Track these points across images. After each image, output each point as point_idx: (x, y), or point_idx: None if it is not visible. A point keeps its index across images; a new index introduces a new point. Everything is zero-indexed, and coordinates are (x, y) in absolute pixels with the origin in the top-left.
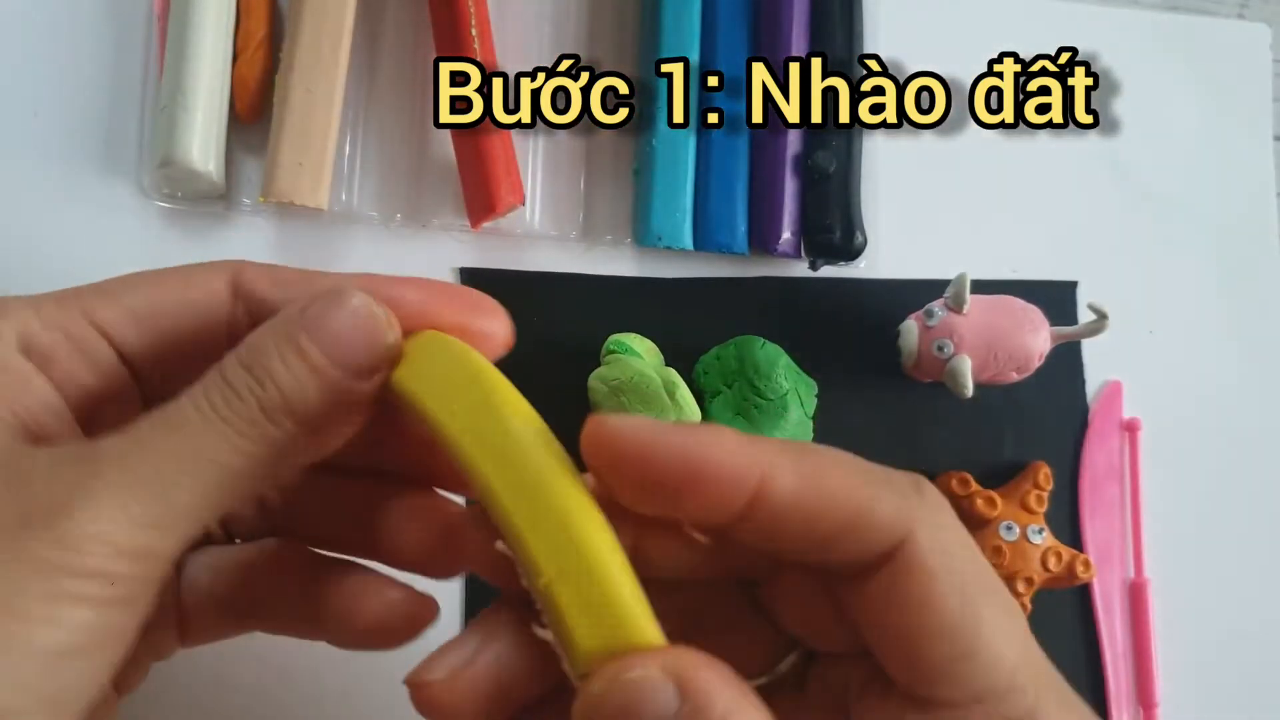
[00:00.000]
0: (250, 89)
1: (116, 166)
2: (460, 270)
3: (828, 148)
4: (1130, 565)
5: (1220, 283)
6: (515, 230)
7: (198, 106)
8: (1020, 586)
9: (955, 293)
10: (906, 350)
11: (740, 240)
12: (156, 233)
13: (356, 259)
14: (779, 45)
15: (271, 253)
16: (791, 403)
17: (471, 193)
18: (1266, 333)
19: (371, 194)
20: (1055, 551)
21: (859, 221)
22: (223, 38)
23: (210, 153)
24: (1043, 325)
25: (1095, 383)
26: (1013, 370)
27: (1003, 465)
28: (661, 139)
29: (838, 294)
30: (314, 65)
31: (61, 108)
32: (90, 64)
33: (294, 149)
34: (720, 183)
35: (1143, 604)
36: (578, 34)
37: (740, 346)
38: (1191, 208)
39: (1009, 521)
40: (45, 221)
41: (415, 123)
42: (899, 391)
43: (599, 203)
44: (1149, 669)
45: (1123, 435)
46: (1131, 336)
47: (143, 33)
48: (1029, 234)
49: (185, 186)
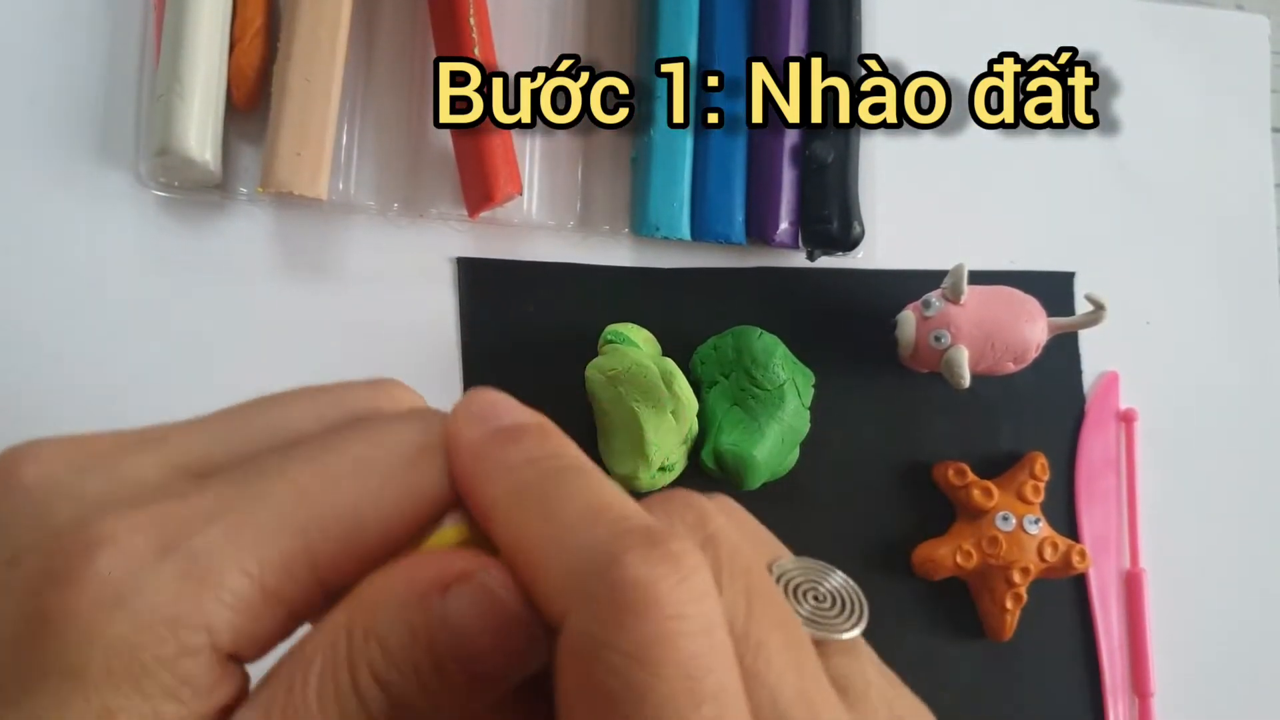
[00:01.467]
0: (248, 78)
1: (113, 155)
2: (457, 260)
3: (826, 138)
4: (1126, 555)
5: (1218, 274)
6: (513, 220)
7: (194, 95)
8: (1016, 576)
9: (953, 283)
10: (904, 340)
11: (738, 230)
12: (152, 221)
13: (354, 248)
14: (778, 44)
15: (269, 242)
16: (789, 393)
17: (469, 182)
18: (1263, 324)
19: (369, 183)
20: (1051, 541)
21: (857, 212)
22: (220, 26)
23: (207, 141)
24: (1040, 316)
25: (1092, 373)
26: (1010, 360)
27: (999, 455)
28: (660, 131)
29: (835, 284)
30: (312, 54)
31: (57, 96)
32: (86, 52)
33: (293, 139)
34: (718, 173)
35: (1138, 594)
36: (575, 29)
37: (737, 336)
38: (1190, 199)
39: (1005, 511)
40: (40, 210)
41: (413, 112)
42: (896, 382)
43: (597, 192)
44: (1144, 658)
45: (1119, 426)
46: (1129, 327)
47: (139, 21)
48: (1026, 225)
49: (182, 175)
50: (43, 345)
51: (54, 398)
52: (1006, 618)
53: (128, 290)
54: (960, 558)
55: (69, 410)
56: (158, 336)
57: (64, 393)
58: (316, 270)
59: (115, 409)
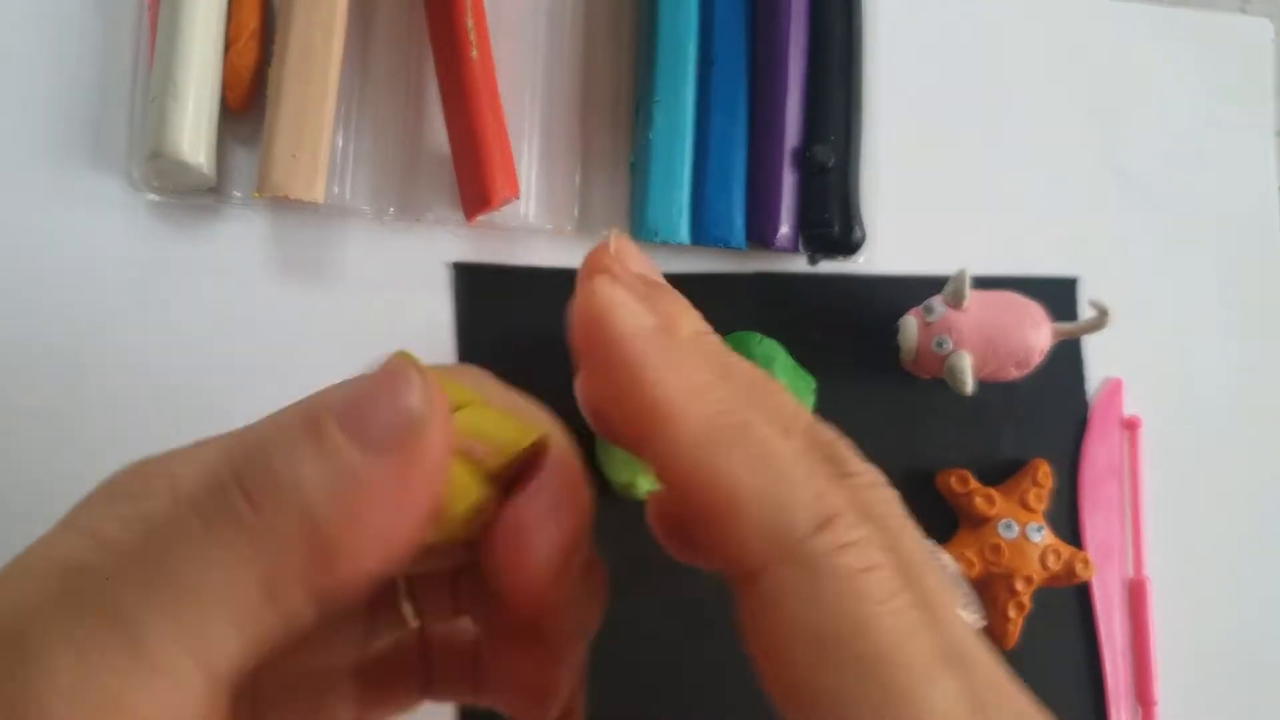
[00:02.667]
0: (242, 80)
1: (105, 159)
2: (454, 264)
3: (826, 141)
4: (1130, 564)
5: (1222, 279)
6: (510, 224)
7: (188, 97)
8: (1019, 585)
9: (955, 288)
10: (906, 346)
11: (738, 234)
12: (146, 226)
13: (350, 253)
14: (778, 46)
15: (264, 246)
16: None
17: (466, 186)
18: (1268, 330)
19: (365, 187)
20: (1055, 549)
21: (858, 216)
22: (214, 28)
23: (201, 145)
24: (1043, 321)
25: (1096, 380)
26: (1013, 366)
27: (1002, 462)
28: (658, 132)
29: (836, 289)
30: (307, 57)
31: (49, 99)
32: (79, 54)
33: (289, 142)
34: (718, 176)
35: (1142, 602)
36: (574, 31)
37: (737, 342)
38: (1193, 203)
39: (1008, 519)
40: (32, 215)
41: (409, 115)
42: (898, 388)
43: (595, 196)
44: (1148, 666)
45: (1123, 433)
46: (1133, 333)
47: (133, 22)
48: (1030, 229)
49: (175, 179)
50: (33, 352)
51: (46, 405)
52: (1009, 626)
53: (120, 295)
54: (963, 566)
55: (60, 418)
56: (151, 342)
57: (56, 400)
58: (311, 274)
59: (110, 415)
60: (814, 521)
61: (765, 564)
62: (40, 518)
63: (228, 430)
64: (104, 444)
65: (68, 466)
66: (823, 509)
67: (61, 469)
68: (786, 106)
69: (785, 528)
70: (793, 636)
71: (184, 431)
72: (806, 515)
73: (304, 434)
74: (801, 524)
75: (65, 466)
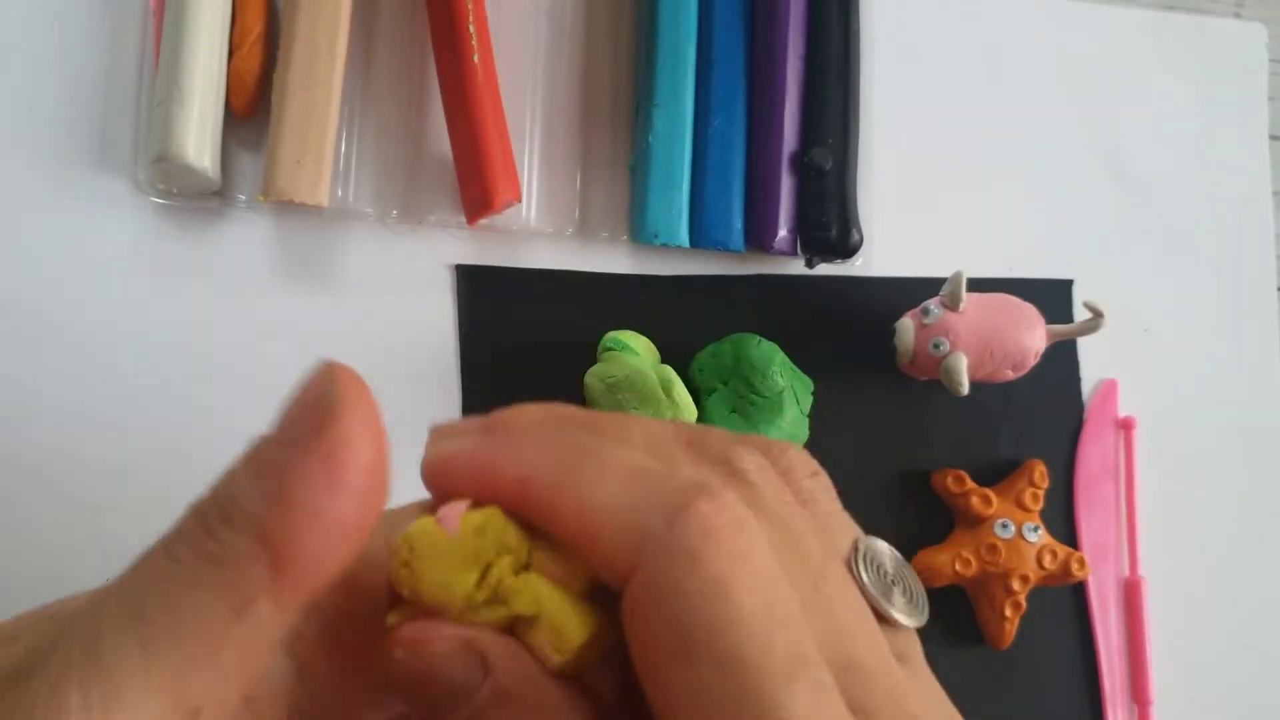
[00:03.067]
0: (247, 84)
1: (111, 162)
2: (456, 267)
3: (824, 145)
4: (1125, 563)
5: (1217, 282)
6: (511, 227)
7: (194, 101)
8: (1015, 584)
9: (951, 290)
10: (902, 348)
11: (736, 237)
12: (151, 229)
13: (353, 255)
14: (776, 42)
15: (268, 249)
16: (787, 400)
17: (468, 189)
18: (1262, 331)
19: (368, 190)
20: (1050, 549)
21: (855, 219)
22: (219, 32)
23: (206, 148)
24: (1038, 323)
25: (1091, 381)
26: (1008, 368)
27: (998, 463)
28: (658, 136)
29: (834, 291)
30: (311, 62)
31: (56, 102)
32: (85, 58)
33: (293, 147)
34: (716, 179)
35: (1137, 601)
36: (574, 35)
37: (736, 344)
38: (1188, 206)
39: (1004, 519)
40: (38, 217)
41: (412, 119)
42: (895, 389)
43: (595, 199)
44: (1143, 666)
45: (1118, 433)
46: (1127, 335)
47: (138, 27)
48: (1025, 232)
49: (180, 182)
50: (39, 353)
51: (50, 407)
52: (1005, 625)
53: (125, 297)
54: (959, 565)
55: (65, 420)
56: (156, 344)
57: (61, 402)
58: (315, 277)
59: (113, 419)
60: (669, 518)
61: (632, 568)
62: (42, 518)
63: (227, 430)
64: (107, 444)
65: (70, 467)
66: (680, 504)
67: (63, 469)
68: (784, 110)
69: (641, 528)
70: (652, 636)
71: (186, 431)
72: (661, 514)
73: (240, 459)
74: (658, 521)
75: (67, 467)
